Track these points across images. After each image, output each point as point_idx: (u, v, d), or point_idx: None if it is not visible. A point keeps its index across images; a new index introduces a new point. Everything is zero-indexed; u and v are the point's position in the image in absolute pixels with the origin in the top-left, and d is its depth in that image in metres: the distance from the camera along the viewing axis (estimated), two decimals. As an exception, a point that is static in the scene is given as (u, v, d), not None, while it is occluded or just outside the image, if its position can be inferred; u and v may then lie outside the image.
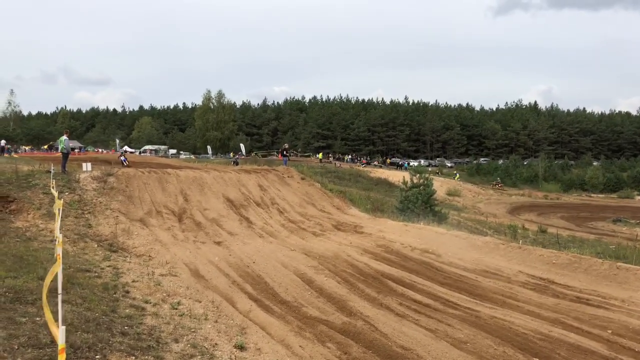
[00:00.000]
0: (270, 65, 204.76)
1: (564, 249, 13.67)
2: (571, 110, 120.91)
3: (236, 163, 39.34)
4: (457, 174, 66.77)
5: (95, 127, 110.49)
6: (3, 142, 41.76)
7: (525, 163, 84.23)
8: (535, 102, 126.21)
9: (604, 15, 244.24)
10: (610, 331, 7.50)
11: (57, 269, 4.56)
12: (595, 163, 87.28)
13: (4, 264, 7.85)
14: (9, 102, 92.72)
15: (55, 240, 8.89)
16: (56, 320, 4.35)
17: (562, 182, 68.72)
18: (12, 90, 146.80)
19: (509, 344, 6.95)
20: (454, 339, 7.14)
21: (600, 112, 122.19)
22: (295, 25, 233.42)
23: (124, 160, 32.20)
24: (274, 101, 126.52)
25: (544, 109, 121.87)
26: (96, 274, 8.95)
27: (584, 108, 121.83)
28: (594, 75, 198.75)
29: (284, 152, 30.49)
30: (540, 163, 74.21)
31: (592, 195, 62.51)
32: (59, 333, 3.63)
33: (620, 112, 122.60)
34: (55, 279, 4.65)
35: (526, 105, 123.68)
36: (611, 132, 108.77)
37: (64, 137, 19.11)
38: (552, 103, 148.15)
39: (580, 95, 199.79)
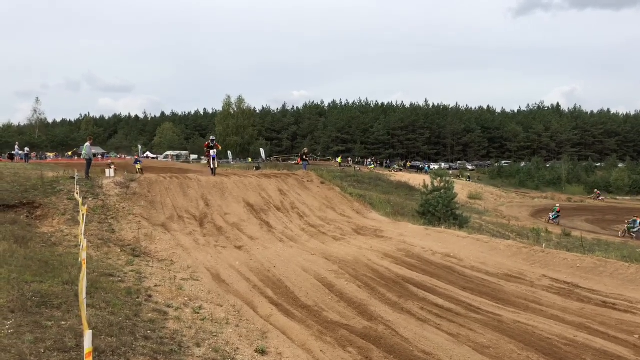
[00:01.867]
0: (290, 69, 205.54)
1: (588, 253, 13.42)
2: (595, 111, 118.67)
3: (258, 168, 39.52)
4: (469, 177, 65.44)
5: (117, 133, 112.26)
6: (27, 149, 42.47)
7: (548, 165, 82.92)
8: (558, 103, 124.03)
9: (626, 14, 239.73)
10: (637, 336, 7.34)
11: (84, 274, 4.65)
12: (620, 165, 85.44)
13: (30, 268, 8.01)
14: (35, 110, 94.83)
15: (80, 245, 9.06)
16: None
17: (586, 184, 67.42)
18: (37, 98, 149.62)
19: (532, 349, 6.84)
20: (476, 344, 7.06)
21: (625, 113, 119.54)
22: (314, 29, 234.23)
23: (213, 168, 23.53)
24: (293, 106, 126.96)
25: (566, 111, 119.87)
26: (119, 279, 9.07)
27: (609, 109, 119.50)
28: (618, 76, 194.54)
29: (304, 157, 30.58)
30: (564, 165, 72.97)
31: (618, 197, 61.21)
32: (85, 337, 3.69)
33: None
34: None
35: (548, 107, 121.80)
36: (637, 133, 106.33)
37: (87, 144, 19.49)
38: (575, 104, 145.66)
39: (605, 96, 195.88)
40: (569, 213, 46.11)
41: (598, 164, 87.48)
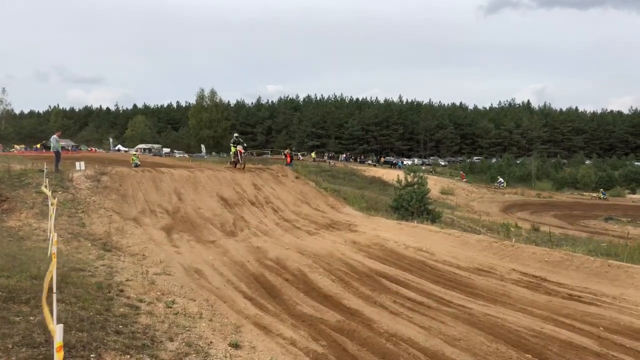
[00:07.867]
0: (265, 64, 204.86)
1: (556, 247, 13.77)
2: (564, 109, 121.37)
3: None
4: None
5: (88, 125, 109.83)
6: None
7: (518, 162, 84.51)
8: (529, 101, 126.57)
9: (594, 14, 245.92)
10: (601, 328, 7.58)
11: (54, 268, 4.57)
12: (587, 162, 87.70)
13: (-3, 263, 7.82)
14: (1, 101, 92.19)
15: (49, 240, 8.87)
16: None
17: (554, 180, 69.07)
18: (3, 88, 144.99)
19: (501, 340, 7.00)
20: (447, 336, 7.18)
21: (592, 111, 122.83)
22: (289, 24, 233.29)
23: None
24: (268, 100, 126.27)
25: (537, 108, 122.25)
26: (90, 273, 8.92)
27: (577, 107, 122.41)
28: (586, 75, 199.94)
29: (292, 157, 31.04)
30: (533, 162, 74.53)
31: (584, 193, 62.86)
32: (56, 331, 3.62)
33: (612, 111, 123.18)
34: (51, 278, 4.65)
35: (519, 104, 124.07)
36: (603, 131, 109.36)
37: (55, 136, 19.07)
38: (545, 102, 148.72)
39: (573, 94, 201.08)
40: (538, 209, 47.17)
41: (565, 161, 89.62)
